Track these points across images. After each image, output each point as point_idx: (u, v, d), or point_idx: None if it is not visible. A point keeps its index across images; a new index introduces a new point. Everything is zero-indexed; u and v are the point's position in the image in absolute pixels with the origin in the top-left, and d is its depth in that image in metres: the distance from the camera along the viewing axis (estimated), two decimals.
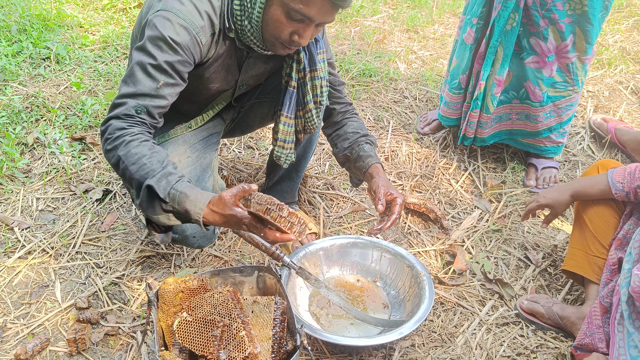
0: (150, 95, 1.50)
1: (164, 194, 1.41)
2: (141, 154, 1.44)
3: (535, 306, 1.94)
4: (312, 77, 1.81)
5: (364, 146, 1.93)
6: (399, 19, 4.27)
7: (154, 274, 2.04)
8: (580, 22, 2.24)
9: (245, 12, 1.57)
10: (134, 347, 1.78)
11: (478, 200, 2.51)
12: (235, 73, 1.80)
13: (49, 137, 2.61)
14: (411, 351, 1.84)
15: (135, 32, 1.74)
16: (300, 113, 1.88)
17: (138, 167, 1.43)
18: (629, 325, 1.53)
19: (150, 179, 1.41)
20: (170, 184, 1.42)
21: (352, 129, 1.97)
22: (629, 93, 3.44)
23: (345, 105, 2.02)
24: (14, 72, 3.05)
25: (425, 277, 1.88)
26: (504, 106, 2.56)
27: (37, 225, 2.19)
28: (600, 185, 1.79)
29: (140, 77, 1.49)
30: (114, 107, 1.50)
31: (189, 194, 1.41)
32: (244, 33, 1.62)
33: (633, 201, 1.74)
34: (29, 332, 1.80)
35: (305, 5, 1.48)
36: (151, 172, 1.42)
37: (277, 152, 1.91)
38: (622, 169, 1.75)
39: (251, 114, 2.09)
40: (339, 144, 1.99)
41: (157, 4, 1.56)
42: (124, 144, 1.44)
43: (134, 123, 1.49)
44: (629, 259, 1.57)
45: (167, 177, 1.43)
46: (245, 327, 1.44)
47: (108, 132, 1.47)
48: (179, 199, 1.41)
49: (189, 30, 1.52)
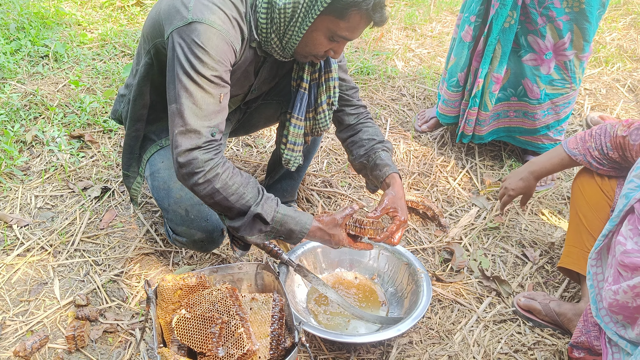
0: (215, 112, 1.51)
1: (270, 218, 1.55)
2: (238, 183, 1.52)
3: (532, 303, 1.94)
4: (327, 78, 1.80)
5: (381, 154, 1.89)
6: (396, 17, 4.27)
7: (152, 271, 2.05)
8: (578, 20, 2.25)
9: (274, 26, 1.56)
10: (132, 344, 1.78)
11: (476, 198, 2.52)
12: (252, 78, 1.80)
13: (48, 134, 2.62)
14: (409, 348, 1.84)
15: (149, 33, 1.67)
16: (310, 115, 1.85)
17: (238, 196, 1.52)
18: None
19: (255, 207, 1.53)
20: (272, 208, 1.55)
21: (367, 135, 1.93)
22: (626, 91, 3.45)
23: (358, 107, 1.97)
24: (13, 70, 3.05)
25: (422, 275, 1.88)
26: (502, 104, 2.57)
27: (36, 223, 2.20)
28: (556, 158, 1.89)
29: (199, 100, 1.48)
30: (188, 137, 1.48)
31: (293, 216, 1.57)
32: (268, 44, 1.61)
33: (592, 164, 1.79)
34: (28, 330, 1.80)
35: (350, 32, 1.53)
36: (253, 199, 1.53)
37: (286, 155, 1.86)
38: (573, 137, 1.85)
39: (256, 114, 2.08)
40: (354, 151, 1.95)
41: (184, 12, 1.49)
42: (218, 177, 1.50)
43: (214, 148, 1.51)
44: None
45: (267, 201, 1.55)
46: (244, 324, 1.45)
47: (195, 166, 1.48)
48: (283, 220, 1.56)
49: (226, 40, 1.50)
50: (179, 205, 1.78)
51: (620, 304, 1.43)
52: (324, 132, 1.92)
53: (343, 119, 1.98)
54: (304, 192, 2.47)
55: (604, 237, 1.55)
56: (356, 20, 1.50)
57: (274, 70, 1.84)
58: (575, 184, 1.90)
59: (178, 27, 1.49)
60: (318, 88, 1.81)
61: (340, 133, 2.02)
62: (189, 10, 1.48)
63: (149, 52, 1.69)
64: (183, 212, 1.78)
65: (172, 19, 1.52)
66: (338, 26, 1.51)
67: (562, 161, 1.88)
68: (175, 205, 1.79)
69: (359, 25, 1.52)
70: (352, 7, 1.45)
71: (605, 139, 1.72)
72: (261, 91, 1.93)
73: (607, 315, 1.53)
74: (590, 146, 1.77)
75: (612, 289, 1.44)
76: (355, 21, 1.50)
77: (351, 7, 1.45)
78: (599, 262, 1.61)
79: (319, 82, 1.80)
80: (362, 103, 2.00)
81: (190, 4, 1.49)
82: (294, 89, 1.81)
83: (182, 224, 1.79)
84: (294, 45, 1.58)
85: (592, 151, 1.77)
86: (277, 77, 1.90)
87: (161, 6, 1.60)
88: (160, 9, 1.60)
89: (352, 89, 1.96)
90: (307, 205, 2.42)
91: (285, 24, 1.54)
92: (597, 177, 1.83)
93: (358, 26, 1.52)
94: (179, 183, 1.79)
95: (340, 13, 1.47)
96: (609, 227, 1.53)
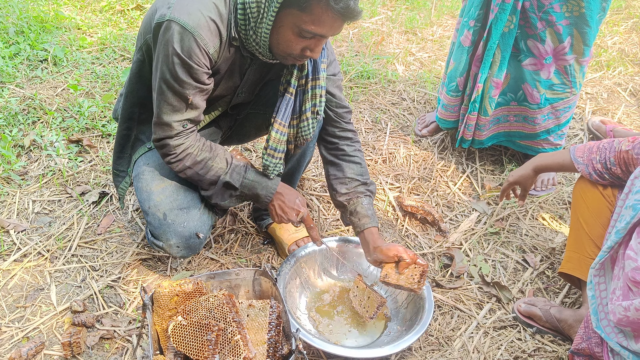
0: (186, 108, 1.65)
1: (238, 184, 1.76)
2: (207, 158, 1.72)
3: (532, 309, 1.93)
4: (314, 85, 1.76)
5: (363, 200, 1.88)
6: (397, 21, 4.27)
7: (149, 277, 2.03)
8: (578, 24, 2.24)
9: (250, 23, 1.56)
10: (129, 350, 1.77)
11: (476, 203, 2.50)
12: (237, 80, 1.79)
13: (46, 139, 2.61)
14: (408, 355, 1.83)
15: (142, 30, 1.72)
16: (295, 122, 1.81)
17: (207, 169, 1.73)
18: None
19: (224, 176, 1.74)
20: (240, 175, 1.76)
21: (351, 173, 1.90)
22: (627, 95, 3.43)
23: (346, 131, 1.94)
24: (11, 74, 3.05)
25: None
26: (502, 108, 2.56)
27: (33, 228, 2.19)
28: (559, 160, 1.89)
29: (171, 98, 1.62)
30: (161, 128, 1.66)
31: (259, 181, 1.78)
32: (249, 42, 1.63)
33: (593, 175, 1.79)
34: (24, 336, 1.79)
35: (317, 25, 1.50)
36: (221, 169, 1.73)
37: (265, 160, 1.79)
38: (582, 145, 1.84)
39: (247, 123, 2.08)
40: (337, 187, 1.92)
41: (166, 9, 1.54)
42: (189, 156, 1.70)
43: (185, 135, 1.69)
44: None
45: (235, 169, 1.75)
46: (241, 331, 1.43)
47: (168, 150, 1.68)
48: (251, 186, 1.77)
49: (197, 42, 1.53)
50: (157, 209, 1.80)
51: (631, 321, 1.41)
52: (307, 142, 1.87)
53: (327, 139, 1.95)
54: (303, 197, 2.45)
55: (609, 249, 1.53)
56: (318, 12, 1.46)
57: (261, 73, 1.83)
58: (576, 189, 1.88)
59: (157, 22, 1.56)
60: (303, 95, 1.78)
61: (324, 152, 1.98)
62: (169, 7, 1.54)
63: (140, 48, 1.72)
64: (161, 215, 1.79)
65: (156, 13, 1.58)
66: (302, 19, 1.48)
67: (564, 163, 1.87)
68: (154, 208, 1.80)
69: (323, 17, 1.47)
70: None
71: (610, 154, 1.72)
72: (249, 94, 1.91)
73: (608, 326, 1.52)
74: (594, 158, 1.76)
75: (623, 305, 1.42)
76: (317, 13, 1.46)
77: None
78: (602, 272, 1.59)
79: (305, 89, 1.77)
80: (352, 128, 1.95)
81: (173, 1, 1.55)
82: (281, 93, 1.77)
83: (160, 227, 1.80)
84: (265, 42, 1.58)
85: (595, 163, 1.76)
86: (264, 80, 1.89)
87: (155, 4, 1.65)
88: (153, 7, 1.66)
89: (342, 108, 1.91)
90: None
91: (254, 20, 1.55)
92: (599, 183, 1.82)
93: (322, 18, 1.47)
94: (159, 186, 1.81)
95: (300, 5, 1.46)
96: (615, 239, 1.51)
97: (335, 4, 1.43)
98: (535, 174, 1.99)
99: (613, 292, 1.50)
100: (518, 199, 2.12)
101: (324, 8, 1.45)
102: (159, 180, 1.82)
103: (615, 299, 1.48)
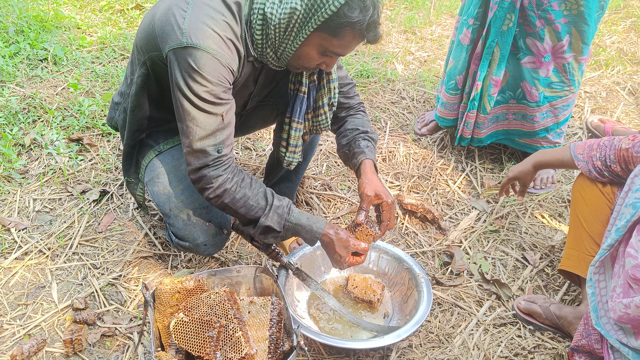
0: (219, 129, 1.57)
1: (280, 227, 1.64)
2: (246, 197, 1.61)
3: (532, 306, 1.94)
4: (328, 80, 1.81)
5: (360, 142, 1.89)
6: (396, 20, 4.28)
7: (151, 274, 2.04)
8: (576, 22, 2.25)
9: (269, 41, 1.57)
10: (130, 348, 1.77)
11: (475, 201, 2.51)
12: (251, 87, 1.81)
13: (46, 138, 2.61)
14: (408, 352, 1.83)
15: (143, 45, 1.66)
16: (309, 116, 1.86)
17: (247, 209, 1.62)
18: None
19: (264, 218, 1.62)
20: (282, 217, 1.64)
21: (352, 125, 1.93)
22: (626, 94, 3.44)
23: (351, 102, 1.98)
24: (12, 73, 3.05)
25: (423, 280, 1.88)
26: (501, 106, 2.57)
27: (34, 226, 2.19)
28: (559, 156, 1.90)
29: (202, 120, 1.54)
30: (196, 156, 1.56)
31: (304, 225, 1.65)
32: (264, 57, 1.64)
33: (592, 172, 1.80)
34: (26, 333, 1.79)
35: (343, 49, 1.55)
36: (260, 210, 1.63)
37: (288, 157, 1.88)
38: (583, 142, 1.85)
39: (253, 116, 2.08)
40: (339, 141, 1.96)
41: (179, 33, 1.49)
42: (226, 192, 1.59)
43: (223, 164, 1.59)
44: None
45: (276, 210, 1.63)
46: (242, 328, 1.44)
47: (205, 182, 1.58)
48: (294, 229, 1.66)
49: (222, 63, 1.52)
50: (180, 210, 1.78)
51: (631, 318, 1.42)
52: (324, 131, 1.93)
53: (336, 112, 1.98)
54: (304, 195, 2.46)
55: (609, 247, 1.54)
56: (349, 39, 1.52)
57: (271, 76, 1.84)
58: (576, 187, 1.89)
59: (173, 49, 1.50)
60: (318, 91, 1.82)
61: (332, 126, 2.02)
62: (183, 32, 1.49)
63: (144, 63, 1.68)
64: (185, 216, 1.78)
65: (167, 37, 1.52)
66: (331, 43, 1.53)
67: (564, 160, 1.88)
68: (176, 209, 1.78)
69: (351, 43, 1.54)
70: (346, 27, 1.47)
71: (610, 152, 1.73)
72: (261, 97, 1.94)
73: (608, 324, 1.52)
74: (594, 155, 1.77)
75: (624, 303, 1.43)
76: (348, 39, 1.52)
77: (345, 27, 1.47)
78: (601, 269, 1.60)
79: (320, 85, 1.81)
80: (357, 98, 1.99)
81: (185, 25, 1.49)
82: (292, 92, 1.81)
83: (185, 228, 1.78)
84: (287, 58, 1.60)
85: (595, 161, 1.77)
86: (274, 81, 1.90)
87: (155, 19, 1.58)
88: (155, 23, 1.58)
89: (347, 85, 1.96)
90: (306, 209, 2.42)
91: (279, 38, 1.55)
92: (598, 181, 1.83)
93: (351, 44, 1.54)
94: (179, 187, 1.79)
95: (334, 31, 1.49)
96: (615, 237, 1.52)
97: (367, 32, 1.51)
98: (535, 170, 2.00)
99: (613, 289, 1.51)
100: (517, 195, 2.13)
101: (356, 35, 1.51)
102: (177, 182, 1.80)
103: (616, 296, 1.48)
